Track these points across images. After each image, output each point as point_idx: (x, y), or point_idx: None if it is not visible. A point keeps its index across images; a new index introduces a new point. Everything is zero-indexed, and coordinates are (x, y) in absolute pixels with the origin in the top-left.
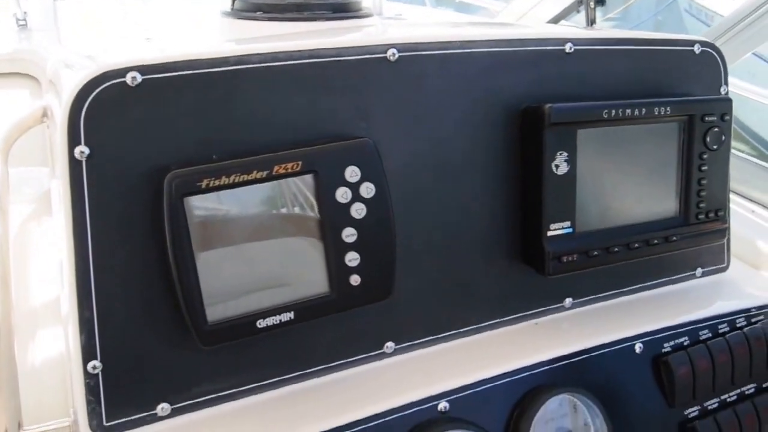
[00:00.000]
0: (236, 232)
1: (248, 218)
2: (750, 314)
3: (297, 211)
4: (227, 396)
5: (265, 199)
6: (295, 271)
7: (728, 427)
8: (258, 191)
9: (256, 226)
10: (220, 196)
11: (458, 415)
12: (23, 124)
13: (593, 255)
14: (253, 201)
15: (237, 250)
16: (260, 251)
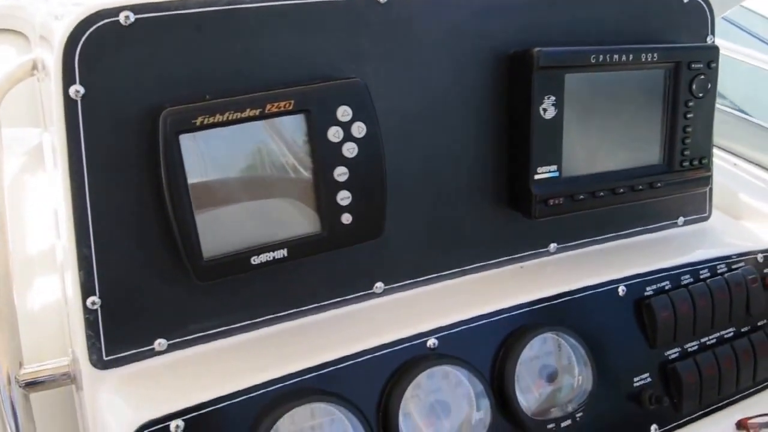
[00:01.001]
0: (230, 170)
1: (242, 157)
2: (731, 261)
3: (290, 150)
4: (222, 333)
5: (258, 138)
6: (288, 210)
7: (707, 368)
8: (251, 130)
9: (249, 165)
10: (214, 135)
11: (446, 352)
12: (13, 77)
13: (579, 199)
14: (246, 140)
15: (231, 188)
16: (254, 190)
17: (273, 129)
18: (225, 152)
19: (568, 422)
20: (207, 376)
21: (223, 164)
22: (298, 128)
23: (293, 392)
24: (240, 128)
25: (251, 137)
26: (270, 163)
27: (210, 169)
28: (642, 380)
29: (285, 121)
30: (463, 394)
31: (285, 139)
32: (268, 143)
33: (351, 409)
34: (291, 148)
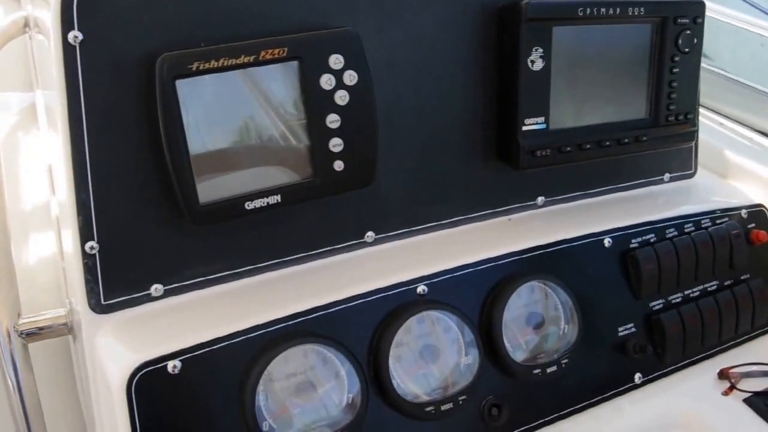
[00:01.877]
0: (225, 117)
1: (236, 104)
2: (715, 216)
3: (283, 97)
4: (217, 279)
5: (252, 85)
6: (282, 157)
7: (690, 319)
8: (246, 77)
9: (243, 112)
10: (209, 81)
11: (436, 298)
12: (5, 34)
13: (566, 151)
14: (241, 87)
15: (226, 134)
16: (248, 136)
17: (267, 76)
18: (220, 99)
19: (553, 368)
20: (203, 320)
21: (218, 111)
22: (292, 76)
23: (286, 335)
24: (235, 75)
25: (246, 84)
26: (264, 110)
27: (206, 115)
28: (627, 330)
29: (279, 68)
30: (452, 340)
31: (279, 86)
32: (263, 91)
33: (343, 351)
34: (284, 96)
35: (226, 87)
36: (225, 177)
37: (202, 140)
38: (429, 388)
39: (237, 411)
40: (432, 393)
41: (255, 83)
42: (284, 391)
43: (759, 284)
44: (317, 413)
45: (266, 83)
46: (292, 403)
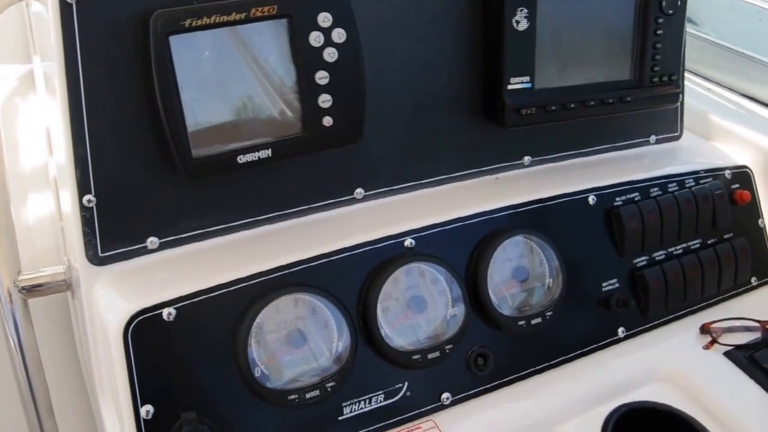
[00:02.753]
0: (217, 73)
1: (228, 61)
2: (699, 176)
3: (273, 54)
4: (211, 233)
5: (243, 42)
6: (273, 112)
7: (673, 275)
8: (237, 34)
9: (235, 69)
10: (202, 38)
11: (423, 251)
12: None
13: (551, 110)
14: (232, 44)
15: (218, 90)
16: (239, 92)
17: (257, 33)
18: (212, 55)
19: (538, 320)
20: (197, 271)
21: (210, 67)
22: (281, 33)
23: (277, 284)
24: (226, 32)
25: (237, 41)
26: (255, 67)
27: (198, 71)
28: (610, 285)
29: (269, 25)
30: (439, 291)
31: (269, 43)
32: (253, 48)
33: (332, 301)
34: (274, 53)
35: (218, 44)
36: (217, 131)
37: (195, 95)
38: (416, 338)
39: (230, 357)
40: (419, 343)
41: (246, 40)
42: (275, 339)
43: (741, 243)
44: (307, 361)
45: (257, 40)
46: (282, 350)
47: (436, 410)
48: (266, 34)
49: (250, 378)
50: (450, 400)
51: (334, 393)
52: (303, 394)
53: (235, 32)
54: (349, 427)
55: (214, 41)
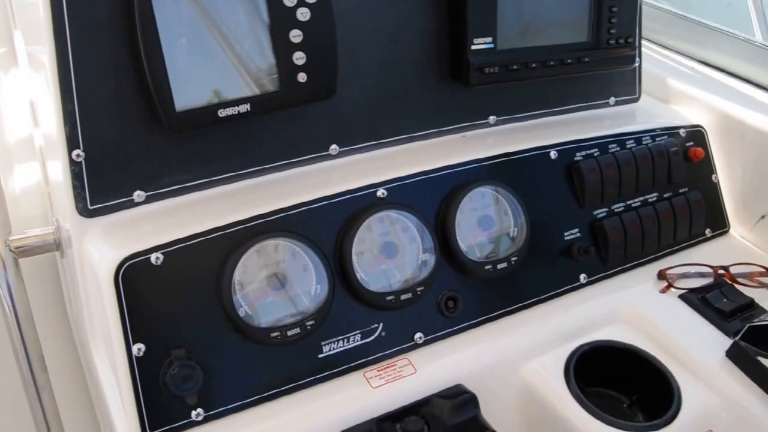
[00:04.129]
0: (198, 32)
1: (207, 20)
2: (655, 134)
3: (250, 14)
4: (195, 186)
5: (222, 3)
6: (251, 69)
7: (631, 225)
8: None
9: (214, 27)
10: None
11: (394, 201)
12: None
13: (513, 69)
14: (213, 3)
15: (200, 47)
16: (219, 50)
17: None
18: (193, 14)
19: (504, 265)
20: (183, 221)
21: (191, 25)
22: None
23: (259, 230)
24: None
25: (216, 3)
26: (234, 25)
27: (180, 28)
28: (572, 235)
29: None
30: (410, 238)
31: (247, 2)
32: (232, 6)
33: (310, 245)
34: (252, 12)
35: (198, 4)
36: (199, 87)
37: (177, 52)
38: (389, 282)
39: (215, 298)
40: (392, 286)
41: (225, 2)
42: (258, 281)
43: (696, 196)
44: (287, 302)
45: (235, 2)
46: (265, 292)
47: (410, 349)
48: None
49: (234, 317)
50: (423, 340)
51: (313, 331)
52: (285, 332)
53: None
54: (328, 364)
55: (194, 2)
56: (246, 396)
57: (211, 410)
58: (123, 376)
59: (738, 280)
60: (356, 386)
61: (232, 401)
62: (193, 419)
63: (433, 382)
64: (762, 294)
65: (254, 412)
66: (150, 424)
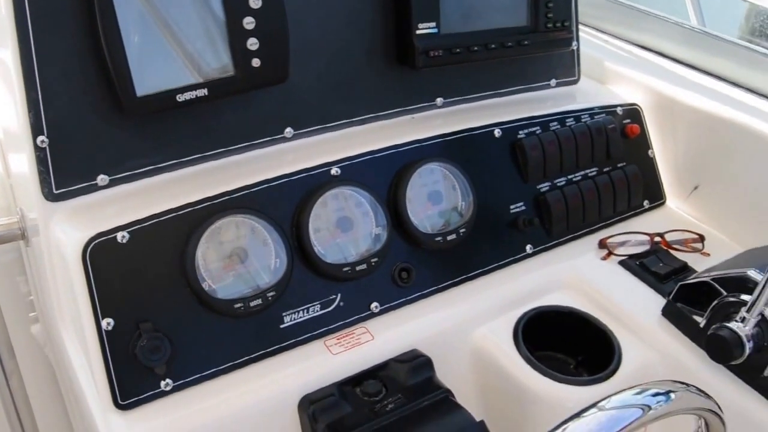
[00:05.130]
0: (156, 20)
1: (164, 8)
2: (594, 112)
3: (205, 2)
4: (157, 169)
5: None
6: (208, 55)
7: (573, 198)
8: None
9: (172, 16)
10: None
11: (348, 178)
12: None
13: (456, 52)
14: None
15: (158, 34)
16: (177, 37)
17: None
18: (152, 3)
19: (453, 236)
20: (147, 201)
21: (150, 14)
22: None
23: (220, 208)
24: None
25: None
26: (190, 13)
27: (139, 17)
28: (517, 208)
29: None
30: (363, 213)
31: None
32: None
33: (269, 221)
34: (207, 0)
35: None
36: (158, 73)
37: (137, 39)
38: (345, 254)
39: (180, 273)
40: (348, 258)
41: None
42: (220, 255)
43: (633, 170)
44: (249, 275)
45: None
46: (227, 266)
47: (367, 318)
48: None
49: (199, 291)
50: (379, 309)
51: (274, 302)
52: (247, 303)
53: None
54: (290, 334)
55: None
56: (212, 366)
57: (180, 380)
58: (93, 351)
59: (673, 246)
60: (317, 354)
61: (199, 371)
62: (162, 389)
63: (389, 347)
64: (695, 258)
65: (221, 381)
66: (121, 395)
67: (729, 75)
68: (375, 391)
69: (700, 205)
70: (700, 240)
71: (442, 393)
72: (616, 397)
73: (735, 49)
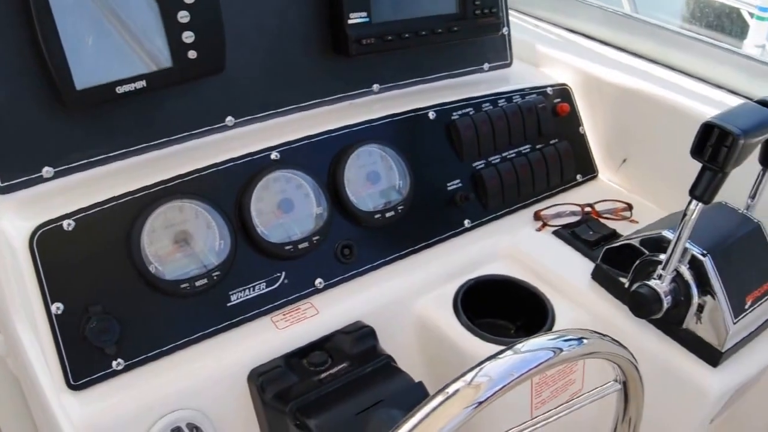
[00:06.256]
0: (94, 13)
1: (102, 2)
2: (524, 92)
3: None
4: (100, 161)
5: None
6: (145, 49)
7: (507, 174)
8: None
9: (110, 9)
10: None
11: (288, 162)
12: None
13: (388, 40)
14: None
15: (95, 28)
16: (115, 30)
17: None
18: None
19: (392, 213)
20: (91, 191)
21: (86, 8)
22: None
23: (164, 194)
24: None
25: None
26: (126, 7)
27: (75, 11)
28: (454, 185)
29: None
30: (304, 194)
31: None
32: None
33: (212, 205)
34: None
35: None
36: (97, 66)
37: (74, 33)
38: (288, 234)
39: (127, 257)
40: (291, 237)
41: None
42: (165, 239)
43: (565, 146)
44: (194, 257)
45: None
46: (173, 249)
47: (311, 294)
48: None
49: (146, 273)
50: (323, 285)
51: (220, 281)
52: (193, 283)
53: None
54: (237, 311)
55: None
56: (163, 344)
57: (131, 359)
58: (44, 334)
59: (603, 215)
60: (264, 329)
61: (149, 350)
62: (114, 368)
63: (334, 321)
64: (624, 225)
65: (171, 359)
66: (73, 376)
67: (653, 55)
68: (321, 362)
69: (629, 176)
70: (628, 209)
71: (384, 359)
72: (531, 341)
73: (658, 31)
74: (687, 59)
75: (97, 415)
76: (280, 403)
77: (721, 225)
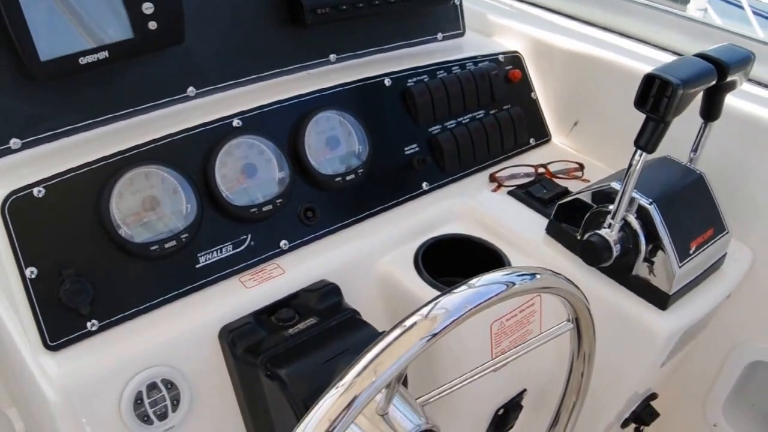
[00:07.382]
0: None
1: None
2: (477, 60)
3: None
4: (67, 131)
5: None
6: (107, 20)
7: (462, 137)
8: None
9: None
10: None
11: (249, 128)
12: None
13: (342, 9)
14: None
15: (57, 0)
16: (76, 3)
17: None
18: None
19: (352, 176)
20: (60, 160)
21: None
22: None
23: (131, 160)
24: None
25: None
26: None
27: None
28: (412, 149)
29: None
30: (266, 159)
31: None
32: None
33: (178, 170)
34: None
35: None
36: (60, 37)
37: (36, 6)
38: (252, 197)
39: (97, 222)
40: (255, 201)
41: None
42: (133, 204)
43: (518, 111)
44: (162, 221)
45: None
46: (141, 214)
47: (277, 255)
48: None
49: (116, 237)
50: (288, 246)
51: (188, 243)
52: (162, 245)
53: None
54: (206, 273)
55: None
56: (136, 305)
57: (105, 320)
58: (20, 298)
59: (556, 175)
60: (233, 289)
61: (123, 311)
62: (89, 329)
63: (300, 280)
64: (576, 184)
65: (145, 318)
66: (50, 336)
67: (602, 22)
68: (288, 317)
69: (581, 138)
70: (580, 168)
71: (349, 313)
72: (486, 276)
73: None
74: (635, 24)
75: (75, 374)
76: (251, 356)
77: (666, 177)
